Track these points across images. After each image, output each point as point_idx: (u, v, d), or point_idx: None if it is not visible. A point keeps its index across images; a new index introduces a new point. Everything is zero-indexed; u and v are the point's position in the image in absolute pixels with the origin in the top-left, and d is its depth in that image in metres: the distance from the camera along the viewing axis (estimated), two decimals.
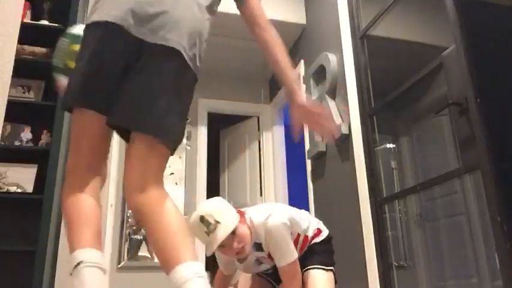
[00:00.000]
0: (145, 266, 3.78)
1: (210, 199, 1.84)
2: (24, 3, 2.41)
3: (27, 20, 2.79)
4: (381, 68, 2.90)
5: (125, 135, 1.19)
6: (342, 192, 2.94)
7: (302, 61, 3.80)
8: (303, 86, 3.67)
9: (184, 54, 1.21)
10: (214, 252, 1.74)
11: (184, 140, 4.35)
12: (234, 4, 3.96)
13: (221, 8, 3.97)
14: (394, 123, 2.95)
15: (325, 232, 2.06)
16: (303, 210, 2.06)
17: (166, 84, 1.16)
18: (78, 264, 1.04)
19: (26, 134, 2.69)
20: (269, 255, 1.81)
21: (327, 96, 3.18)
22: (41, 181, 2.53)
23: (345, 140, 2.94)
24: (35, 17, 2.85)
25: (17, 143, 2.65)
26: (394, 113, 2.90)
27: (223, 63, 4.49)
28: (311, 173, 3.50)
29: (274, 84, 4.66)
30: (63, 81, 1.49)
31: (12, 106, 1.65)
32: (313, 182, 3.46)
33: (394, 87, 2.52)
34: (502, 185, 1.74)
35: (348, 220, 2.82)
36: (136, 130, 1.14)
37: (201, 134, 4.42)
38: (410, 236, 2.70)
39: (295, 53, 4.06)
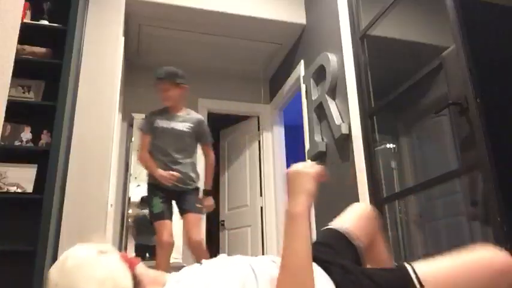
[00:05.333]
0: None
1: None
2: (24, 3, 2.41)
3: (27, 20, 2.79)
4: (381, 68, 2.90)
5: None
6: (342, 192, 2.94)
7: (302, 61, 3.80)
8: (303, 86, 3.68)
9: None
10: None
11: None
12: (233, 4, 3.97)
13: (221, 8, 3.99)
14: (394, 123, 2.95)
15: None
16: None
17: None
18: None
19: (26, 134, 2.69)
20: None
21: (327, 96, 3.18)
22: (41, 181, 2.52)
23: (345, 140, 2.94)
24: (35, 17, 2.84)
25: (17, 143, 2.65)
26: (394, 113, 2.90)
27: (223, 63, 4.49)
28: None
29: (274, 84, 4.66)
30: None
31: (12, 106, 1.65)
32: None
33: (394, 87, 2.51)
34: (502, 185, 1.74)
35: None
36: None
37: None
38: (410, 236, 2.70)
39: (295, 53, 4.06)
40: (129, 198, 3.99)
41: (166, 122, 2.87)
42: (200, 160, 3.04)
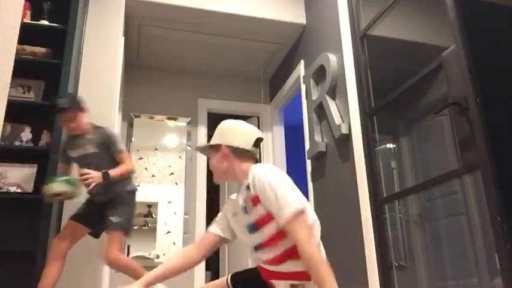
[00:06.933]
0: (145, 266, 3.77)
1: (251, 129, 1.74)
2: (24, 3, 2.41)
3: (27, 20, 2.79)
4: (381, 68, 2.90)
5: None
6: (342, 192, 2.94)
7: (302, 61, 3.80)
8: (303, 86, 3.68)
9: None
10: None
11: (184, 140, 4.36)
12: (233, 4, 3.97)
13: (221, 8, 3.99)
14: (394, 123, 2.95)
15: None
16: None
17: None
18: None
19: (26, 134, 2.69)
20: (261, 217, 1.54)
21: (327, 96, 3.18)
22: (41, 181, 2.53)
23: (345, 140, 2.94)
24: (35, 17, 2.85)
25: (17, 143, 2.65)
26: (394, 113, 2.90)
27: (223, 63, 4.49)
28: (311, 173, 3.50)
29: (274, 84, 4.66)
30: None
31: (12, 106, 1.65)
32: (313, 182, 3.46)
33: (394, 87, 2.52)
34: (502, 185, 1.74)
35: (348, 220, 2.82)
36: None
37: (201, 134, 4.42)
38: (410, 236, 2.70)
39: (295, 53, 4.06)
40: None
41: (75, 151, 2.56)
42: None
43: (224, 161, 1.67)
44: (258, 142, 1.71)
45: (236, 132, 1.69)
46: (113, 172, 2.48)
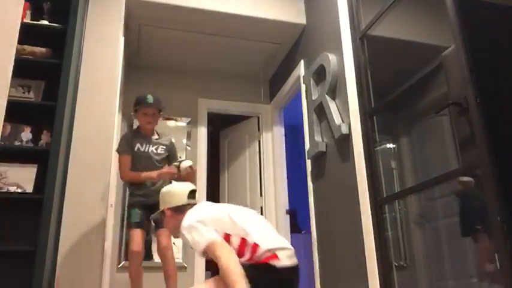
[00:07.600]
0: (145, 266, 3.77)
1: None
2: (24, 3, 2.41)
3: (27, 20, 2.79)
4: (381, 68, 2.90)
5: None
6: (342, 192, 2.94)
7: (302, 61, 3.80)
8: (303, 86, 3.68)
9: None
10: None
11: (184, 140, 4.36)
12: (234, 4, 3.97)
13: (221, 8, 3.98)
14: (394, 123, 2.95)
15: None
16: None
17: None
18: None
19: (26, 134, 2.69)
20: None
21: (327, 96, 3.18)
22: (41, 181, 2.52)
23: (345, 140, 2.94)
24: (35, 17, 2.84)
25: (17, 143, 2.65)
26: (394, 113, 2.90)
27: (223, 63, 4.49)
28: (311, 173, 3.50)
29: (274, 84, 4.66)
30: None
31: (12, 106, 1.65)
32: (313, 182, 3.46)
33: (394, 87, 2.52)
34: (502, 185, 1.74)
35: (348, 220, 2.82)
36: None
37: (201, 134, 4.42)
38: (411, 236, 2.70)
39: (295, 53, 4.06)
40: None
41: (144, 146, 2.92)
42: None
43: (171, 220, 2.02)
44: (192, 194, 2.05)
45: (171, 195, 2.05)
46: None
